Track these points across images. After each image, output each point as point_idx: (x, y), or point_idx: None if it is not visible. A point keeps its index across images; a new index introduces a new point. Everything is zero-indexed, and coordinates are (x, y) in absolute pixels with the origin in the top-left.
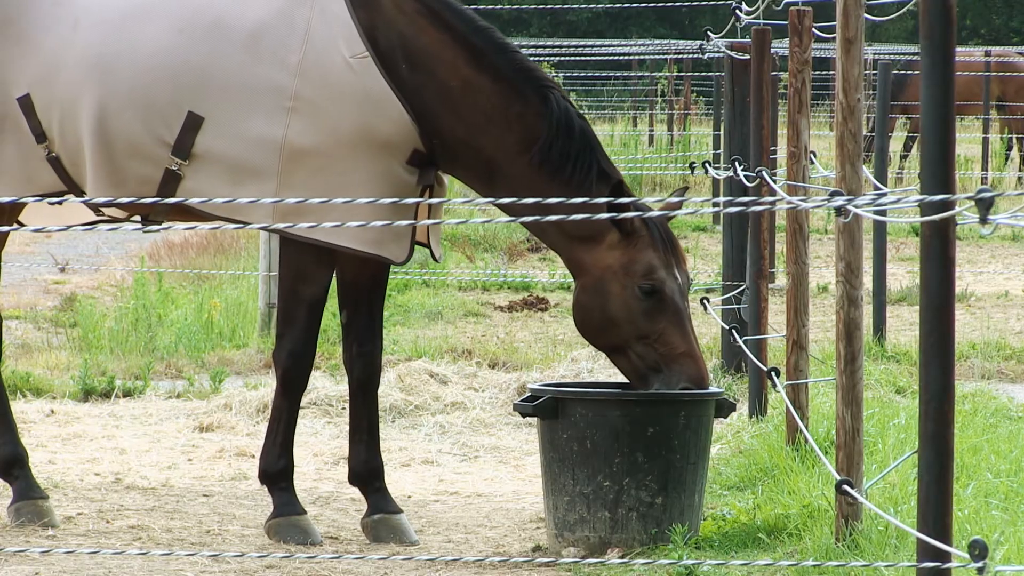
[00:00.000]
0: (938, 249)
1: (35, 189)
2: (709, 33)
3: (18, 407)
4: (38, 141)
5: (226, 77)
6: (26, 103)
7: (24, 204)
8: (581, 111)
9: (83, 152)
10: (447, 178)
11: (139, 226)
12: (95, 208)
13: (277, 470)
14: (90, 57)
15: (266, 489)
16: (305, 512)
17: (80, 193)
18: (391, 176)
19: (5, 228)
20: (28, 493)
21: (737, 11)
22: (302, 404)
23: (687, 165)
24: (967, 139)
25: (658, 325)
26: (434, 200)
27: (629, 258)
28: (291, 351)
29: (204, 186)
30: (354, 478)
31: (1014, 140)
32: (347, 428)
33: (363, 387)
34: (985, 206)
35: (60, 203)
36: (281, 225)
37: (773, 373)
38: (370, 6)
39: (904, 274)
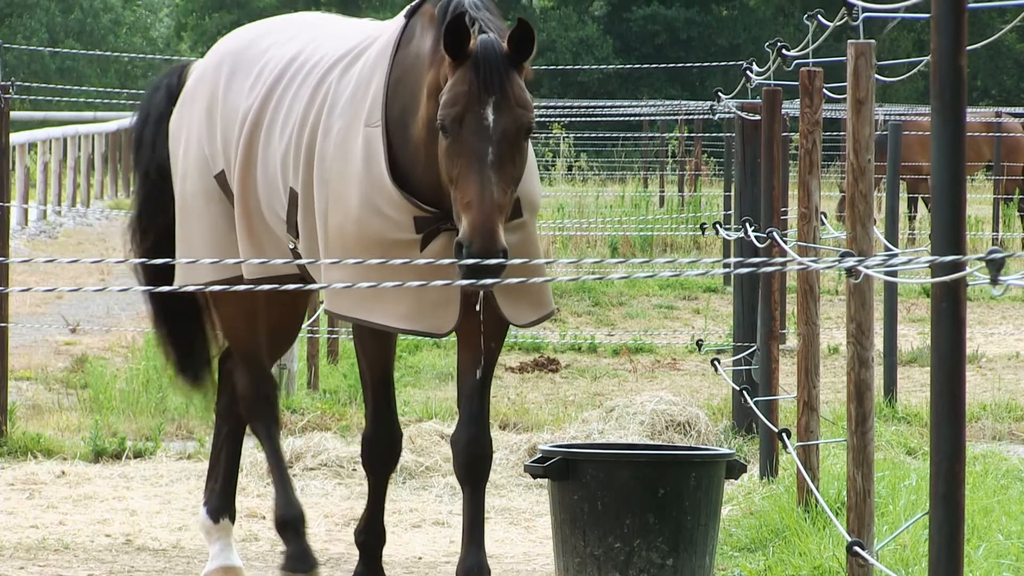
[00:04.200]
0: (949, 310)
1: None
2: (720, 94)
3: (29, 468)
4: None
5: (305, 150)
6: (220, 179)
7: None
8: (590, 170)
9: None
10: None
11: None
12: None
13: (360, 541)
14: (245, 140)
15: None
16: None
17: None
18: (397, 251)
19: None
20: (296, 563)
21: (748, 71)
22: (311, 465)
23: (698, 226)
24: (977, 200)
25: (455, 169)
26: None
27: (445, 90)
28: (364, 436)
29: (307, 265)
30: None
31: (1015, 200)
32: (359, 489)
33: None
34: (996, 267)
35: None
36: (349, 314)
37: (784, 434)
38: (404, 64)
39: (915, 335)
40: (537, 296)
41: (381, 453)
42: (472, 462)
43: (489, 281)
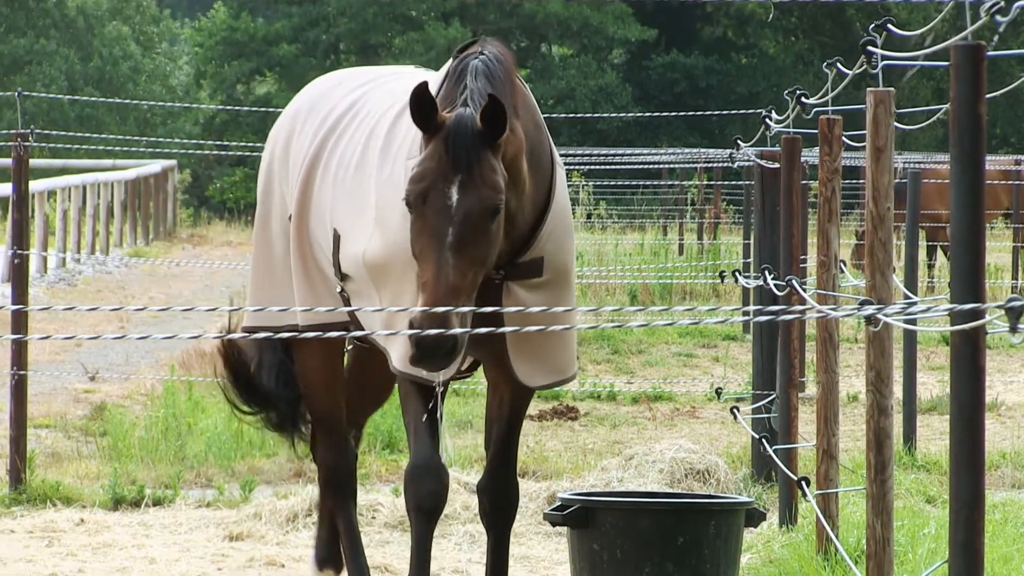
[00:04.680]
0: (968, 358)
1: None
2: (739, 142)
3: (48, 516)
4: None
5: (350, 194)
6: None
7: None
8: (610, 218)
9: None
10: None
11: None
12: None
13: None
14: (301, 184)
15: None
16: None
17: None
18: None
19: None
20: None
21: (767, 119)
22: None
23: (717, 274)
24: (996, 247)
25: (417, 247)
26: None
27: (415, 163)
28: (406, 471)
29: (356, 308)
30: None
31: None
32: (377, 537)
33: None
34: (1015, 315)
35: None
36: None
37: (803, 482)
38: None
39: (934, 383)
40: (555, 360)
41: (420, 488)
42: (498, 509)
43: (507, 329)
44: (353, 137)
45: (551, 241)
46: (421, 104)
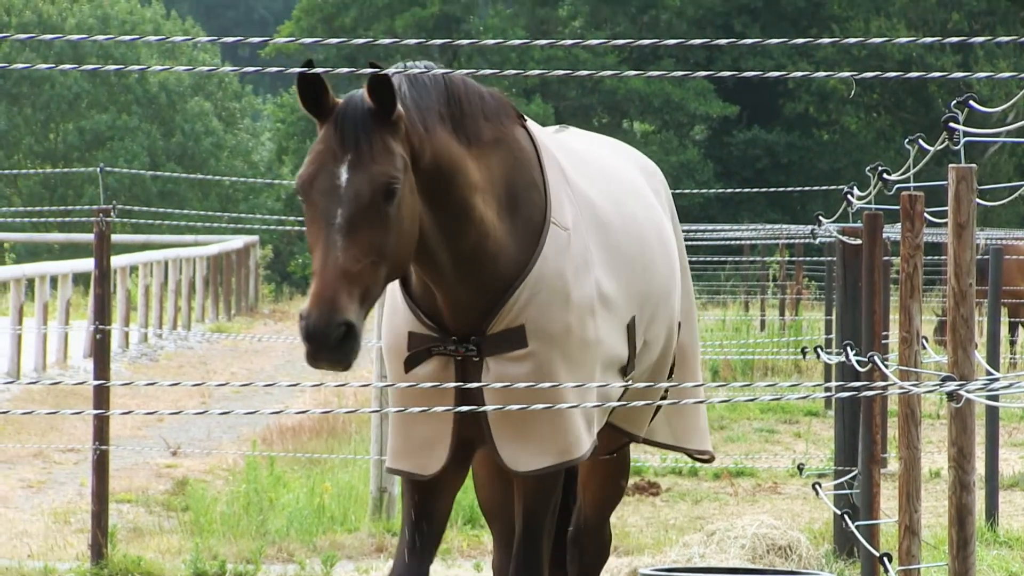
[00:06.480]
0: None
1: None
2: (820, 218)
3: None
4: None
5: None
6: None
7: None
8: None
9: None
10: None
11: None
12: None
13: None
14: None
15: None
16: None
17: None
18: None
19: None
20: None
21: (849, 196)
22: None
23: (799, 350)
24: None
25: (310, 236)
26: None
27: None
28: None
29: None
30: None
31: None
32: None
33: None
34: None
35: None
36: None
37: (885, 558)
38: None
39: (1016, 459)
40: (548, 440)
41: None
42: None
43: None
44: None
45: (534, 306)
46: (310, 88)
